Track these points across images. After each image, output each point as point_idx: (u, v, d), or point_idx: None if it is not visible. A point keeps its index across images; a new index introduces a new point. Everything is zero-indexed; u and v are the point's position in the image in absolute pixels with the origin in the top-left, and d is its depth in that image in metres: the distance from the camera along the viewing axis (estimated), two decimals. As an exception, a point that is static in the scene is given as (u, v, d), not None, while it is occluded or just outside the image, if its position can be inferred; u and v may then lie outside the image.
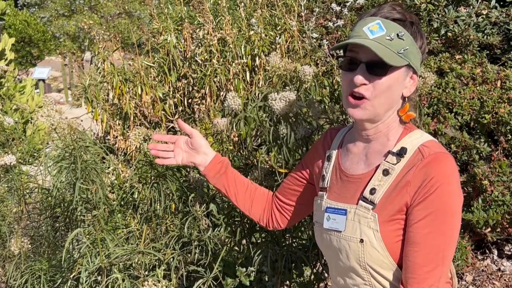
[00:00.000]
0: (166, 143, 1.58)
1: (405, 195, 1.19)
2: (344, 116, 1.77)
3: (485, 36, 3.05)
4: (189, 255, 1.79)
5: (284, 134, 1.60)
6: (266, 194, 1.58)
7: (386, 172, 1.22)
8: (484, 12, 3.10)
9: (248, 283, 2.26)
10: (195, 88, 3.17)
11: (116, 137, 2.98)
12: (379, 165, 1.25)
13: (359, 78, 1.19)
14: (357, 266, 1.25)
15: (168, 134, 1.62)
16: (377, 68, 1.19)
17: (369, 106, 1.21)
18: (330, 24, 3.64)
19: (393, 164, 1.22)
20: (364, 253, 1.23)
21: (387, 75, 1.19)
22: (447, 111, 2.82)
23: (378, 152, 1.27)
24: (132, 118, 2.97)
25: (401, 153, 1.22)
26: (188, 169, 1.88)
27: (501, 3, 3.20)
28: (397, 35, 1.19)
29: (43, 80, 12.94)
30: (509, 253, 3.13)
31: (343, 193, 1.31)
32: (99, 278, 1.76)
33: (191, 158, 1.54)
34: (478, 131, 2.91)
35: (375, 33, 1.19)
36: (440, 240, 1.17)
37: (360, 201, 1.25)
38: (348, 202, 1.28)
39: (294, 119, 1.62)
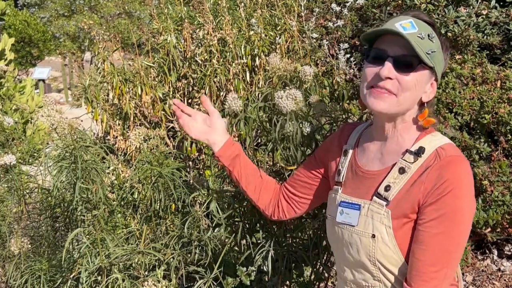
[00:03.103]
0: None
1: (418, 194, 1.20)
2: (345, 115, 1.77)
3: (485, 36, 3.05)
4: (189, 255, 1.78)
5: (291, 132, 1.59)
6: (273, 184, 1.58)
7: (402, 170, 1.23)
8: (484, 12, 3.10)
9: (248, 283, 2.26)
10: (195, 88, 3.17)
11: (116, 137, 2.97)
12: (395, 163, 1.25)
13: (385, 71, 1.18)
14: (366, 261, 1.26)
15: (186, 107, 1.61)
16: (405, 64, 1.19)
17: (394, 101, 1.20)
18: (330, 24, 3.64)
19: (410, 162, 1.22)
20: (375, 249, 1.24)
21: (414, 72, 1.19)
22: (447, 111, 2.82)
23: (394, 152, 1.27)
24: (132, 118, 2.97)
25: (419, 152, 1.22)
26: (188, 169, 1.88)
27: (501, 3, 3.20)
28: (428, 35, 1.19)
29: (43, 80, 12.93)
30: (509, 253, 3.13)
31: (358, 188, 1.32)
32: (99, 278, 1.76)
33: (206, 135, 1.53)
34: (478, 131, 2.91)
35: (407, 29, 1.18)
36: (448, 242, 1.18)
37: (374, 197, 1.26)
38: (363, 197, 1.29)
39: (300, 117, 1.62)
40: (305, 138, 1.66)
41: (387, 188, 1.24)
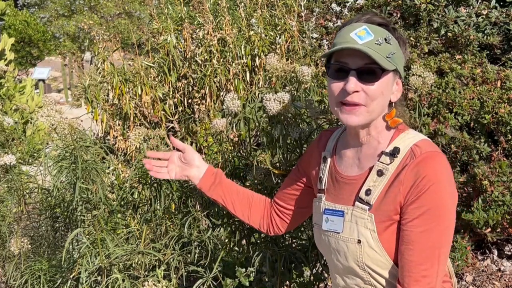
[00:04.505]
0: (160, 159, 1.59)
1: (398, 195, 1.19)
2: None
3: (485, 36, 3.05)
4: (189, 255, 1.79)
5: (278, 136, 1.60)
6: (263, 201, 1.58)
7: (380, 173, 1.23)
8: (484, 12, 3.10)
9: (247, 284, 2.26)
10: (195, 88, 3.18)
11: (116, 137, 2.98)
12: (372, 166, 1.25)
13: (351, 86, 1.18)
14: (355, 267, 1.26)
15: (160, 151, 1.64)
16: (369, 74, 1.18)
17: (364, 112, 1.20)
18: (330, 24, 3.64)
19: (386, 164, 1.22)
20: (362, 254, 1.24)
21: (379, 81, 1.19)
22: (447, 111, 2.82)
23: (371, 155, 1.28)
24: (132, 118, 2.97)
25: (394, 153, 1.22)
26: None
27: (501, 3, 3.20)
28: (385, 39, 1.19)
29: (43, 80, 12.95)
30: (509, 253, 3.13)
31: (340, 194, 1.32)
32: (99, 278, 1.76)
33: (184, 172, 1.55)
34: (478, 131, 2.90)
35: (364, 38, 1.18)
36: (435, 238, 1.18)
37: (357, 202, 1.26)
38: (345, 204, 1.29)
39: (290, 120, 1.62)
40: (293, 142, 1.65)
41: (368, 192, 1.24)
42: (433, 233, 1.17)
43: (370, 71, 1.18)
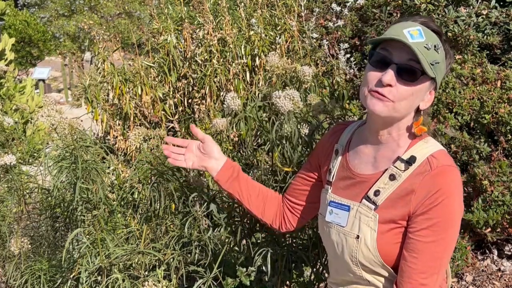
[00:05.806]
0: (178, 146, 1.57)
1: (409, 203, 1.21)
2: (343, 112, 1.77)
3: (485, 36, 3.05)
4: (189, 255, 1.79)
5: (288, 133, 1.59)
6: (277, 198, 1.58)
7: (392, 177, 1.24)
8: (484, 12, 3.10)
9: (248, 283, 2.26)
10: (195, 88, 3.18)
11: (116, 137, 2.98)
12: (386, 169, 1.26)
13: (387, 78, 1.17)
14: (349, 261, 1.29)
15: (179, 138, 1.61)
16: (408, 73, 1.18)
17: (391, 106, 1.20)
18: (330, 24, 3.64)
19: (400, 170, 1.23)
20: (357, 250, 1.26)
21: (415, 83, 1.19)
22: (447, 111, 2.82)
23: (387, 157, 1.28)
24: (132, 118, 2.98)
25: (410, 161, 1.23)
26: (188, 169, 1.87)
27: (501, 3, 3.20)
28: (434, 46, 1.19)
29: (43, 80, 12.94)
30: (509, 253, 3.13)
31: (348, 190, 1.33)
32: (99, 278, 1.76)
33: (202, 163, 1.53)
34: (478, 131, 2.91)
35: (415, 38, 1.17)
36: (440, 249, 1.20)
37: (364, 200, 1.27)
38: (352, 199, 1.30)
39: (298, 118, 1.61)
40: (303, 139, 1.65)
41: (377, 193, 1.25)
42: (440, 244, 1.19)
43: (411, 70, 1.18)
